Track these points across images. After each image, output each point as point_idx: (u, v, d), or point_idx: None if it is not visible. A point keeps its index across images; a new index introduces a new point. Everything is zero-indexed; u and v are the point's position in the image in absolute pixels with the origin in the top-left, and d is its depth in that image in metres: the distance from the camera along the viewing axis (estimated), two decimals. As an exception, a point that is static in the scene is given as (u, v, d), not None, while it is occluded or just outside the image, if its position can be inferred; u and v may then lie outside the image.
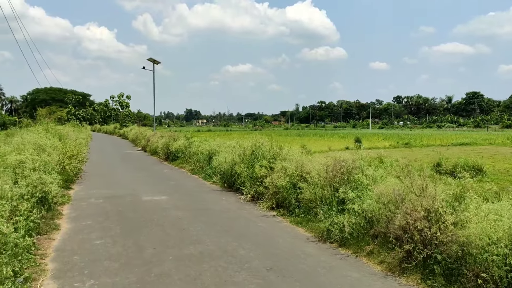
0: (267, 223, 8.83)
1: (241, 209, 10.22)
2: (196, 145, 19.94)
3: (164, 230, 8.12)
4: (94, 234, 7.84)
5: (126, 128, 57.25)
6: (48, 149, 12.89)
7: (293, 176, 9.77)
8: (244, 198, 11.33)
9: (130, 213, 9.65)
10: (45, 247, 7.00)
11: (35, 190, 8.21)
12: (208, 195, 12.16)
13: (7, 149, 11.43)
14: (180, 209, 10.10)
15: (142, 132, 37.81)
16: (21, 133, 13.94)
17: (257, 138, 12.89)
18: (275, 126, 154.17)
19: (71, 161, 14.45)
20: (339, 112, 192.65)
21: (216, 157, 15.58)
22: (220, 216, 9.44)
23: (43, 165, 10.63)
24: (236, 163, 12.92)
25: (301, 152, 11.16)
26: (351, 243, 7.00)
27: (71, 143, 16.11)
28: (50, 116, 24.02)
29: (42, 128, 17.25)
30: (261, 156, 11.94)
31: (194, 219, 9.08)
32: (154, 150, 26.44)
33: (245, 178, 11.89)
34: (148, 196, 11.75)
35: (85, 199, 11.33)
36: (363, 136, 47.95)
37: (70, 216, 9.31)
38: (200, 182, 14.97)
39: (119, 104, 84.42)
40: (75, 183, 14.18)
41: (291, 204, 9.59)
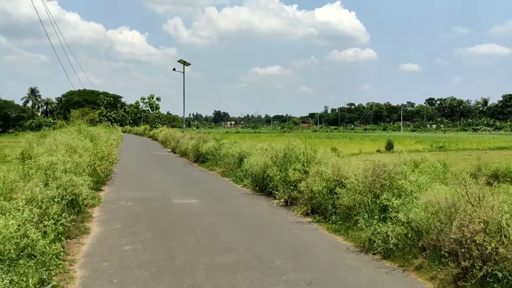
0: (302, 230, 8.37)
1: (274, 215, 9.80)
2: (226, 147, 19.66)
3: (196, 236, 7.79)
4: (124, 239, 7.58)
5: (156, 130, 57.79)
6: (80, 150, 12.83)
7: (330, 181, 9.29)
8: (277, 202, 10.90)
9: (161, 217, 9.38)
10: (74, 252, 6.77)
11: (65, 192, 8.03)
12: (239, 199, 11.80)
13: (40, 150, 11.40)
14: (212, 213, 9.77)
15: (171, 134, 37.93)
16: (53, 134, 13.97)
17: (290, 141, 12.46)
18: (304, 128, 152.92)
19: (102, 163, 14.38)
20: (369, 114, 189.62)
21: (247, 159, 15.22)
22: (253, 222, 9.04)
23: (74, 166, 10.52)
24: (268, 166, 12.52)
25: (336, 155, 10.65)
26: (397, 256, 6.46)
27: (102, 144, 16.09)
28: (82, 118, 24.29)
29: (74, 129, 17.35)
30: (295, 159, 11.49)
31: (226, 224, 8.72)
32: (183, 152, 26.35)
33: (277, 182, 11.47)
34: (179, 199, 11.48)
35: (115, 201, 11.16)
36: (394, 139, 46.65)
37: (100, 219, 9.12)
38: (231, 185, 14.64)
39: (149, 106, 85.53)
40: (105, 184, 14.09)
41: (327, 210, 9.10)
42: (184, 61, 33.64)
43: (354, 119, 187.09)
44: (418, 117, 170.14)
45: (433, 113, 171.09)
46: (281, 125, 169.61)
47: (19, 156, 11.60)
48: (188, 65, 33.87)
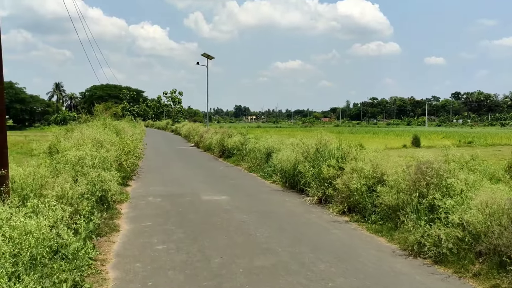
0: (341, 231, 7.90)
1: (308, 213, 9.35)
2: (252, 142, 19.26)
3: (230, 235, 7.40)
4: (155, 237, 7.25)
5: (178, 124, 57.88)
6: (106, 145, 12.60)
7: (369, 178, 8.77)
8: (310, 200, 10.45)
9: (191, 214, 9.04)
10: (105, 251, 6.47)
11: (94, 188, 7.75)
12: (270, 196, 11.38)
13: (67, 145, 11.21)
14: (243, 211, 9.38)
15: (194, 128, 37.75)
16: (80, 128, 13.80)
17: (322, 135, 11.97)
18: (325, 123, 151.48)
19: (128, 157, 14.16)
20: (392, 109, 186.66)
21: (276, 155, 14.78)
22: (287, 221, 8.61)
23: (101, 161, 10.28)
24: (299, 161, 12.06)
25: (375, 151, 10.10)
26: (450, 261, 5.94)
27: (127, 139, 15.88)
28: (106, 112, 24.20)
29: (100, 123, 17.20)
30: (328, 154, 11.00)
31: (259, 223, 8.31)
32: (207, 147, 26.08)
33: (310, 178, 11.00)
34: (207, 196, 11.14)
35: (143, 197, 10.89)
36: (420, 134, 45.43)
37: (129, 216, 8.83)
38: (259, 181, 14.23)
39: (172, 100, 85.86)
40: (132, 179, 13.87)
41: (366, 210, 8.60)
42: (207, 55, 33.33)
43: (377, 113, 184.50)
44: (443, 111, 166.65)
45: (459, 107, 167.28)
46: (302, 120, 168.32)
47: (46, 150, 11.45)
48: (211, 58, 33.55)
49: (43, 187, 6.20)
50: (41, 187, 6.07)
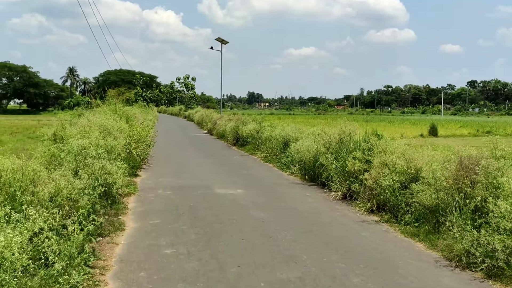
0: (372, 233, 7.02)
1: (333, 211, 8.48)
2: (268, 130, 18.36)
3: (247, 237, 6.58)
4: (163, 238, 6.47)
5: (191, 110, 57.14)
6: (114, 132, 11.84)
7: (402, 173, 7.85)
8: (333, 196, 9.56)
9: (204, 210, 8.23)
10: (107, 256, 5.70)
11: (97, 182, 6.97)
12: (289, 190, 10.53)
13: (72, 131, 10.48)
14: (261, 207, 8.54)
15: (208, 115, 36.94)
16: (87, 114, 13.05)
17: (346, 124, 11.04)
18: (339, 111, 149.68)
19: (138, 145, 13.40)
20: (407, 97, 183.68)
21: (294, 144, 13.90)
22: (310, 220, 7.75)
23: (108, 150, 9.52)
24: (320, 153, 11.16)
25: (406, 143, 9.15)
26: (508, 276, 5.04)
27: (137, 126, 15.10)
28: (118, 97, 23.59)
29: (109, 108, 16.45)
30: (354, 146, 10.07)
31: (280, 222, 7.47)
32: (221, 134, 25.28)
33: (332, 171, 10.11)
34: (221, 189, 10.33)
35: (152, 190, 10.12)
36: (436, 122, 44.01)
37: (136, 212, 8.06)
38: (276, 172, 13.37)
39: (185, 86, 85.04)
40: (141, 169, 13.13)
41: (398, 209, 7.70)
42: (222, 39, 32.29)
43: (391, 101, 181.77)
44: (459, 100, 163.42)
45: (475, 96, 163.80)
46: (316, 107, 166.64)
47: (51, 137, 10.77)
48: (226, 43, 32.53)
49: (36, 182, 5.42)
50: (33, 183, 5.29)
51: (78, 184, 6.05)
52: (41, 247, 4.07)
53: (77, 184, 6.05)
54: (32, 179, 5.30)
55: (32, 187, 5.28)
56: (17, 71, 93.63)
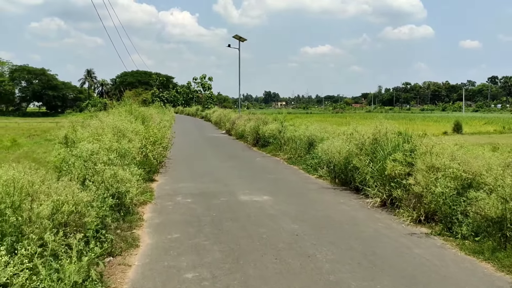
0: (426, 250, 5.98)
1: (373, 221, 7.46)
2: (290, 129, 17.36)
3: (281, 256, 5.62)
4: (184, 258, 5.55)
5: (208, 110, 56.44)
6: (129, 134, 11.02)
7: (457, 179, 6.80)
8: (372, 203, 8.53)
9: (228, 221, 7.30)
10: (117, 282, 4.80)
11: (107, 193, 6.10)
12: (320, 196, 9.53)
13: (84, 134, 9.69)
14: (292, 217, 7.57)
15: (225, 115, 36.10)
16: (100, 115, 12.27)
17: (382, 123, 10.01)
18: (357, 109, 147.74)
19: (155, 148, 12.56)
20: (426, 94, 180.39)
21: (321, 145, 12.90)
22: (350, 232, 6.76)
23: (121, 155, 8.69)
24: (353, 154, 10.14)
25: (455, 144, 8.07)
26: None
27: (154, 127, 14.28)
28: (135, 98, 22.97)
29: (124, 109, 15.68)
30: (392, 146, 9.02)
31: (316, 236, 6.49)
32: (240, 134, 24.38)
33: (368, 175, 9.09)
34: (245, 195, 9.39)
35: (170, 197, 9.25)
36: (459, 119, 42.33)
37: (152, 224, 7.17)
38: (302, 175, 12.38)
39: (201, 86, 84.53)
40: (158, 172, 12.28)
41: (452, 219, 6.65)
42: (239, 37, 31.35)
43: (410, 99, 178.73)
44: (480, 96, 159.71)
45: (497, 92, 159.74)
46: (333, 106, 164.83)
47: (62, 140, 10.02)
48: (243, 40, 31.56)
49: (34, 196, 4.56)
50: (28, 197, 4.42)
51: (85, 196, 5.16)
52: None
53: (83, 197, 5.17)
54: (28, 193, 4.43)
55: (28, 203, 4.42)
56: (36, 74, 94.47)
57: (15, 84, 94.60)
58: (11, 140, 26.78)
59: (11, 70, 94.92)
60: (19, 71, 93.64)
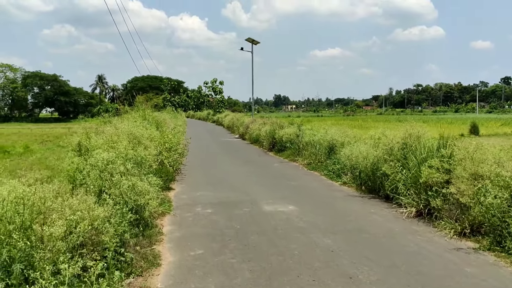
0: (479, 268, 5.37)
1: (412, 234, 6.86)
2: (308, 133, 16.79)
3: (319, 277, 5.05)
4: (211, 279, 5.02)
5: (220, 114, 56.07)
6: (145, 141, 10.55)
7: (507, 187, 6.18)
8: (406, 213, 7.92)
9: (255, 235, 6.76)
10: (139, 309, 4.29)
11: (126, 207, 5.59)
12: (348, 205, 8.94)
13: (98, 141, 9.23)
14: (323, 230, 7.00)
15: (238, 119, 35.62)
16: (115, 121, 11.82)
17: (413, 126, 9.42)
18: (368, 112, 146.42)
19: (170, 154, 12.09)
20: (438, 95, 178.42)
21: (344, 150, 12.33)
22: (389, 247, 6.17)
23: (138, 163, 8.21)
24: (381, 160, 9.56)
25: (502, 148, 7.45)
26: None
27: (169, 132, 13.80)
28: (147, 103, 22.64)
29: (138, 114, 15.25)
30: (427, 152, 8.42)
31: (353, 252, 5.92)
32: (255, 139, 23.87)
33: (401, 182, 8.49)
34: (269, 205, 8.84)
35: (189, 207, 8.74)
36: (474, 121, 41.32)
37: (173, 238, 6.66)
38: (326, 182, 11.79)
39: (212, 90, 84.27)
40: (174, 180, 11.80)
41: (502, 233, 6.03)
42: (252, 40, 30.88)
43: (422, 101, 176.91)
44: (493, 97, 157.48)
45: (510, 92, 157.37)
46: (344, 108, 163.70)
47: (75, 148, 9.58)
48: (256, 43, 31.09)
49: (46, 214, 4.07)
50: (40, 215, 3.93)
51: (102, 212, 4.66)
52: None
53: (100, 212, 4.67)
54: (40, 211, 3.94)
55: (40, 223, 3.93)
56: (48, 80, 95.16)
57: (28, 91, 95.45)
58: (24, 146, 26.62)
59: (23, 77, 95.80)
60: (32, 77, 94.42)
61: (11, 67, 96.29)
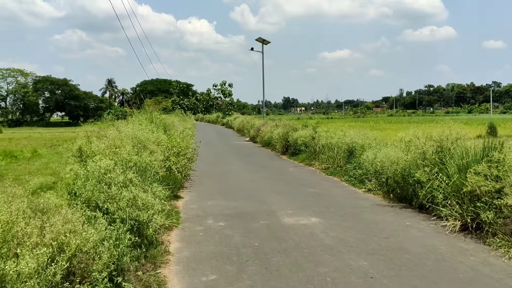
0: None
1: (462, 253, 5.83)
2: (324, 136, 15.76)
3: (361, 315, 4.07)
4: (227, 318, 4.07)
5: (229, 117, 55.20)
6: (151, 146, 9.66)
7: None
8: (450, 227, 6.89)
9: (276, 255, 5.78)
10: None
11: (124, 227, 4.66)
12: (378, 216, 7.92)
13: (100, 146, 8.36)
14: (356, 248, 6.00)
15: (249, 121, 34.71)
16: (118, 124, 10.94)
17: (451, 126, 8.42)
18: (378, 113, 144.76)
19: (179, 160, 11.19)
20: (450, 96, 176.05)
21: (366, 153, 11.34)
22: (441, 273, 5.15)
23: (142, 170, 7.32)
24: (413, 165, 8.55)
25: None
26: None
27: (177, 136, 12.89)
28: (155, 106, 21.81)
29: (145, 117, 14.39)
30: (471, 155, 7.39)
31: (398, 279, 4.91)
32: (266, 142, 22.92)
33: (441, 191, 7.47)
34: (289, 216, 7.86)
35: (200, 219, 7.80)
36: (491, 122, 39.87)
37: (181, 259, 5.72)
38: (347, 189, 10.78)
39: (222, 93, 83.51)
40: (183, 187, 10.88)
41: None
42: (263, 39, 29.93)
43: (433, 102, 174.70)
44: (507, 97, 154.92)
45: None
46: (353, 110, 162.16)
47: (76, 153, 8.74)
48: (267, 43, 30.12)
49: (22, 240, 3.15)
50: (12, 239, 3.01)
51: (91, 235, 3.74)
52: None
53: (90, 236, 3.75)
54: (4, 239, 3.02)
55: (14, 252, 3.01)
56: (59, 85, 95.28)
57: (39, 95, 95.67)
58: (32, 151, 25.99)
59: (34, 81, 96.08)
60: (42, 82, 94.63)
61: (22, 72, 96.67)
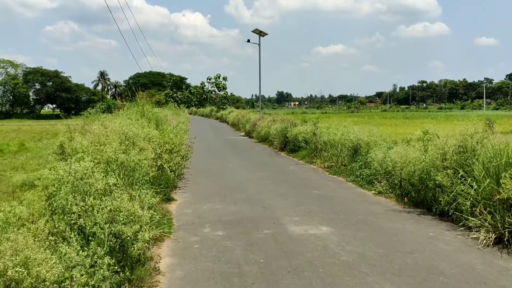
0: None
1: (502, 274, 4.97)
2: (326, 132, 14.85)
3: None
4: None
5: (224, 111, 54.16)
6: (140, 142, 8.72)
7: None
8: (482, 240, 6.02)
9: (286, 275, 4.88)
10: None
11: (102, 249, 3.74)
12: (396, 225, 7.03)
13: (83, 143, 7.42)
14: (379, 268, 5.11)
15: (244, 115, 33.74)
16: (103, 118, 9.96)
17: (475, 123, 7.58)
18: (371, 108, 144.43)
19: (172, 157, 10.25)
20: (443, 92, 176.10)
21: (373, 151, 10.49)
22: (483, 300, 4.30)
23: (130, 170, 6.40)
24: (431, 166, 7.69)
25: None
26: None
27: (170, 131, 11.93)
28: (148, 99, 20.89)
29: (135, 110, 13.38)
30: (505, 157, 6.53)
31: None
32: (263, 137, 21.99)
33: (463, 196, 6.62)
34: (296, 224, 6.96)
35: (195, 227, 6.87)
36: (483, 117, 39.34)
37: (173, 280, 4.79)
38: (356, 191, 9.89)
39: (216, 86, 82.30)
40: (176, 188, 9.95)
41: None
42: (260, 31, 28.89)
43: (426, 97, 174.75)
44: (499, 94, 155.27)
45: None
46: (347, 105, 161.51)
47: (57, 151, 7.84)
48: (264, 35, 29.07)
49: None
50: None
51: (54, 270, 2.81)
52: None
53: (53, 266, 2.82)
54: None
55: None
56: (50, 76, 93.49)
57: (29, 87, 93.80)
58: (19, 144, 24.89)
59: (25, 73, 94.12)
60: (33, 73, 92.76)
61: (12, 63, 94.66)
